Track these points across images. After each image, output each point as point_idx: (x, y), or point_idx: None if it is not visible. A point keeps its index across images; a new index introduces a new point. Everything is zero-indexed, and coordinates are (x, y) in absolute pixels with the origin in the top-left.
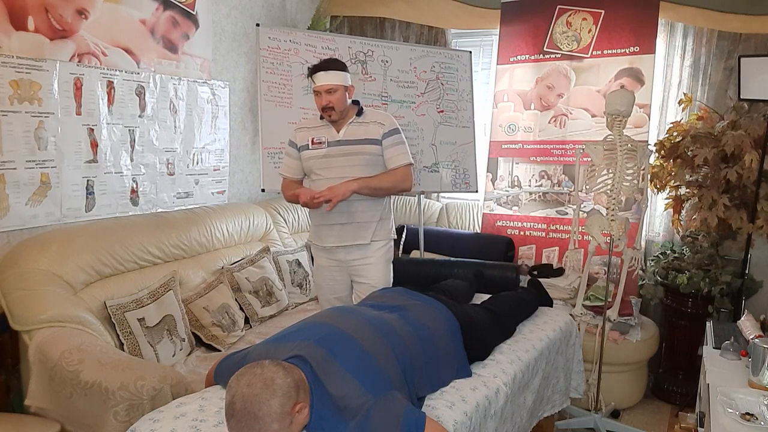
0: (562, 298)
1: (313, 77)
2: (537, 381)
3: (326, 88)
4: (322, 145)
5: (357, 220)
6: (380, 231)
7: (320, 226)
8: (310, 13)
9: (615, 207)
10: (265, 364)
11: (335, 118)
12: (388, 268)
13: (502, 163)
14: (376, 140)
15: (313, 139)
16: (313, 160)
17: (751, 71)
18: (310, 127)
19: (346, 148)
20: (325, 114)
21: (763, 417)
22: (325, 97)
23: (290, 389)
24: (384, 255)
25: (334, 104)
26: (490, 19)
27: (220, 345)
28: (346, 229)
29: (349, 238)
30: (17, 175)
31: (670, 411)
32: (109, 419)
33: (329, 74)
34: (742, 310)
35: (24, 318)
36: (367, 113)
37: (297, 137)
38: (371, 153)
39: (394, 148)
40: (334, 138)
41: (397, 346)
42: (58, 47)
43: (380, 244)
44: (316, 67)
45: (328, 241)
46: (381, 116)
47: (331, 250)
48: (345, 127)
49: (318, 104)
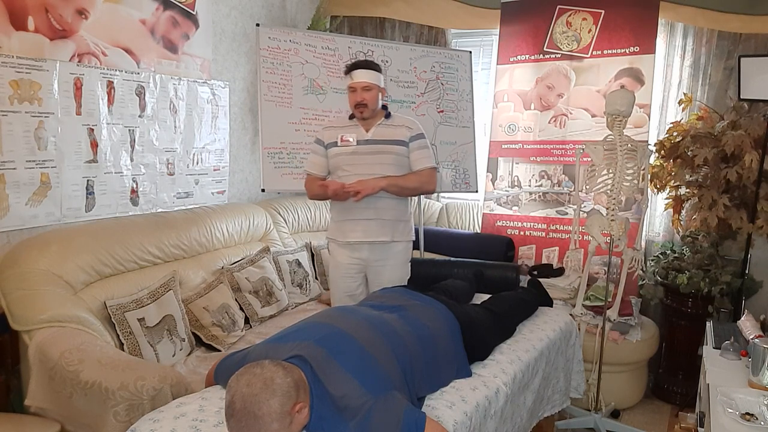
0: (562, 298)
1: (351, 74)
2: (537, 381)
3: (363, 85)
4: (350, 143)
5: (381, 217)
6: (402, 231)
7: (344, 222)
8: (310, 13)
9: (615, 207)
10: (264, 363)
11: (366, 116)
12: (405, 269)
13: (502, 163)
14: (404, 142)
15: (342, 136)
16: (341, 156)
17: (751, 71)
18: (338, 126)
19: (374, 147)
20: (357, 110)
21: (763, 417)
22: (360, 93)
23: (290, 389)
24: (403, 256)
25: (368, 101)
26: (490, 19)
27: (220, 345)
28: (371, 224)
29: (373, 233)
30: (17, 175)
31: (670, 411)
32: (109, 419)
33: (368, 73)
34: (742, 310)
35: (24, 318)
36: (395, 117)
37: (325, 135)
38: (398, 153)
39: (420, 152)
40: (363, 137)
41: (397, 346)
42: (58, 47)
43: (401, 245)
44: (355, 64)
45: (351, 236)
46: (408, 121)
47: (354, 246)
48: (374, 127)
49: (351, 101)
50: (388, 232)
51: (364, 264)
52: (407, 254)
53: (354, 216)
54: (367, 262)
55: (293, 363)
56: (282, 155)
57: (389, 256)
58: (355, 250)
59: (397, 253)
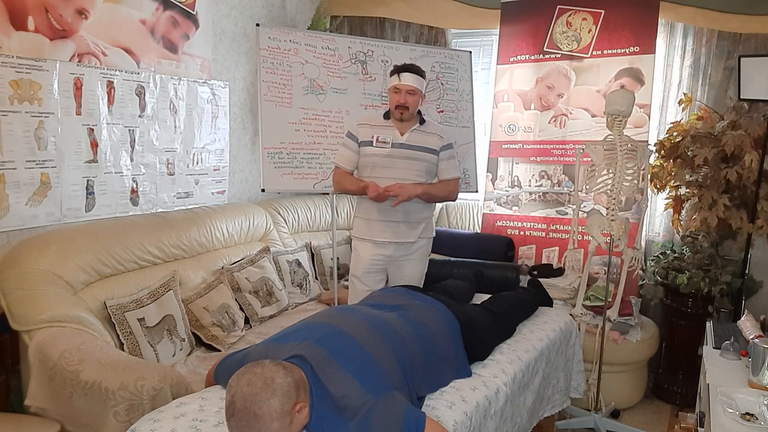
0: (562, 298)
1: (399, 75)
2: (537, 381)
3: (409, 89)
4: (386, 145)
5: (410, 219)
6: (426, 229)
7: (374, 222)
8: (310, 13)
9: (615, 207)
10: (265, 363)
11: (406, 118)
12: (424, 264)
13: (502, 163)
14: (435, 150)
15: (378, 137)
16: (376, 157)
17: (751, 71)
18: (372, 125)
19: (408, 152)
20: (397, 111)
21: (763, 417)
22: (404, 96)
23: (290, 389)
24: (425, 251)
25: (410, 105)
26: (490, 19)
27: (220, 345)
28: (400, 226)
29: (401, 234)
30: (17, 175)
31: (670, 411)
32: (109, 419)
33: (414, 77)
34: (742, 310)
35: (24, 318)
36: (429, 124)
37: (359, 132)
38: (429, 161)
39: (449, 162)
40: (398, 140)
41: (397, 345)
42: (58, 47)
43: (423, 241)
44: (405, 66)
45: (381, 236)
46: (440, 129)
47: (382, 244)
48: (408, 132)
49: (393, 101)
50: (415, 233)
51: (388, 260)
52: (428, 249)
53: (385, 217)
54: (391, 258)
55: (293, 363)
56: (282, 155)
57: (412, 252)
58: (380, 246)
59: (419, 248)
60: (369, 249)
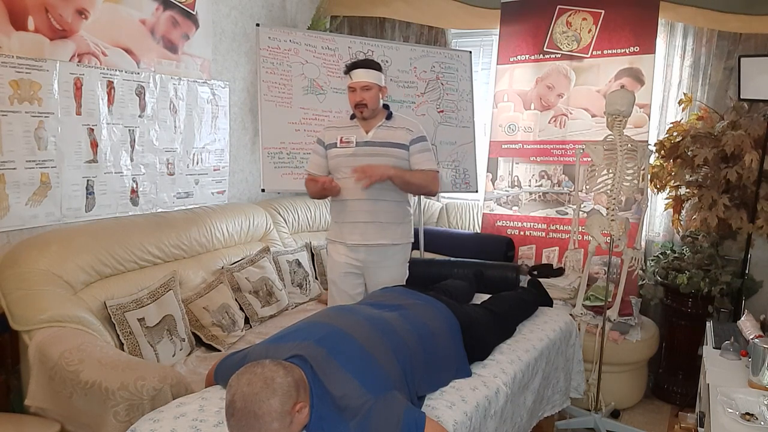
0: (562, 298)
1: (350, 74)
2: (537, 381)
3: (362, 85)
4: (350, 144)
5: (380, 220)
6: (401, 234)
7: (344, 224)
8: (310, 13)
9: (615, 207)
10: (265, 363)
11: (367, 116)
12: (403, 270)
13: (502, 163)
14: (404, 145)
15: (342, 138)
16: (340, 158)
17: (751, 71)
18: (339, 127)
19: (373, 149)
20: (357, 110)
21: (763, 417)
22: (360, 93)
23: (290, 388)
24: (402, 257)
25: (368, 101)
26: (490, 19)
27: (220, 345)
28: (369, 228)
29: (371, 237)
30: (17, 175)
31: (670, 411)
32: (109, 419)
33: (367, 72)
34: (742, 310)
35: (24, 318)
36: (396, 118)
37: (325, 135)
38: (397, 157)
39: (421, 155)
40: (363, 138)
41: (397, 345)
42: (58, 47)
43: (399, 247)
44: (354, 64)
45: (350, 238)
46: (409, 122)
47: (353, 247)
48: (374, 129)
49: (351, 100)
50: (387, 235)
51: (362, 265)
52: (405, 255)
53: (353, 219)
54: (365, 263)
55: (293, 363)
56: (282, 155)
57: (386, 258)
58: (352, 251)
59: (394, 255)
60: (342, 252)
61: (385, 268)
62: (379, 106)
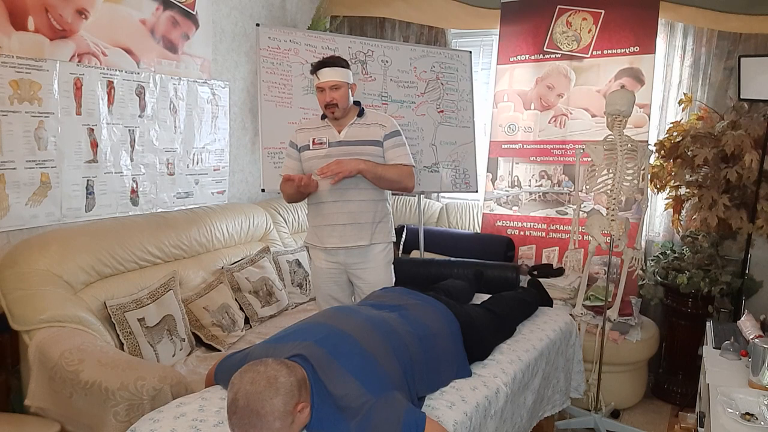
0: (562, 298)
1: (317, 73)
2: (537, 381)
3: (330, 84)
4: (323, 146)
5: (357, 221)
6: (380, 233)
7: (320, 227)
8: (310, 13)
9: (615, 207)
10: (268, 362)
11: (338, 116)
12: (388, 270)
13: (502, 163)
14: (378, 141)
15: (314, 139)
16: (314, 160)
17: (751, 71)
18: (311, 128)
19: (347, 149)
20: (328, 111)
21: (763, 417)
22: (329, 93)
23: (293, 388)
24: (384, 258)
25: (338, 101)
26: (490, 19)
27: (220, 345)
28: (346, 229)
29: (350, 239)
30: (17, 175)
31: (670, 411)
32: (109, 419)
33: (334, 71)
34: (742, 310)
35: (24, 318)
36: (368, 114)
37: (298, 138)
38: (372, 154)
39: (395, 150)
40: (336, 138)
41: (397, 345)
42: (58, 47)
43: (380, 247)
44: (320, 63)
45: (329, 242)
46: (382, 118)
47: (331, 251)
48: (346, 128)
49: (321, 101)
50: (365, 235)
51: (343, 268)
52: (388, 256)
53: (330, 221)
54: (346, 266)
55: (295, 362)
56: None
57: (368, 259)
58: (331, 254)
59: (375, 255)
60: (321, 257)
61: (368, 269)
62: (350, 104)
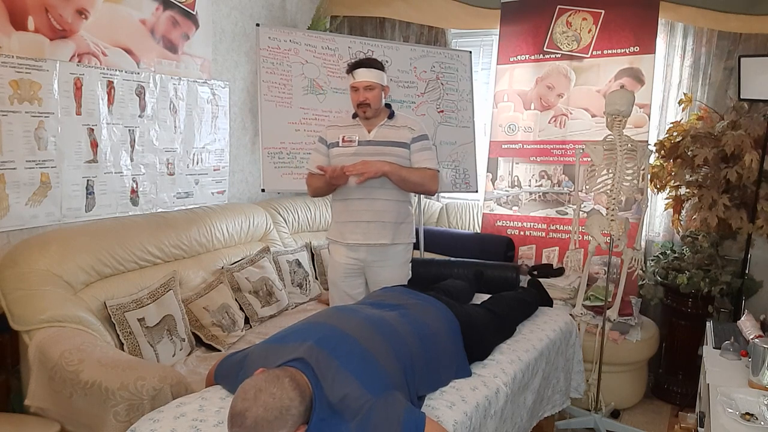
0: (562, 298)
1: (352, 73)
2: (537, 381)
3: (365, 85)
4: (352, 144)
5: (381, 219)
6: (402, 233)
7: (344, 223)
8: (310, 13)
9: (615, 207)
10: (285, 384)
11: (369, 115)
12: (405, 270)
13: (502, 163)
14: (405, 144)
15: (344, 137)
16: (343, 157)
17: (751, 71)
18: (341, 126)
19: (376, 148)
20: (360, 110)
21: (763, 417)
22: (362, 93)
23: (300, 416)
24: (403, 257)
25: (371, 101)
26: (490, 19)
27: (220, 345)
28: (370, 227)
29: (372, 236)
30: (17, 175)
31: (670, 411)
32: (109, 419)
33: (369, 72)
34: (742, 310)
35: (24, 318)
36: (399, 117)
37: (328, 134)
38: (399, 156)
39: (421, 153)
40: (365, 138)
41: (397, 345)
42: (58, 47)
43: (401, 247)
44: (356, 63)
45: (351, 238)
46: (411, 121)
47: (353, 247)
48: (376, 128)
49: (354, 100)
50: (388, 234)
51: (363, 264)
52: (407, 255)
53: (354, 218)
54: (365, 262)
55: (295, 366)
56: (282, 155)
57: (388, 257)
58: (353, 250)
59: (395, 254)
60: (342, 252)
61: (386, 267)
62: (382, 105)
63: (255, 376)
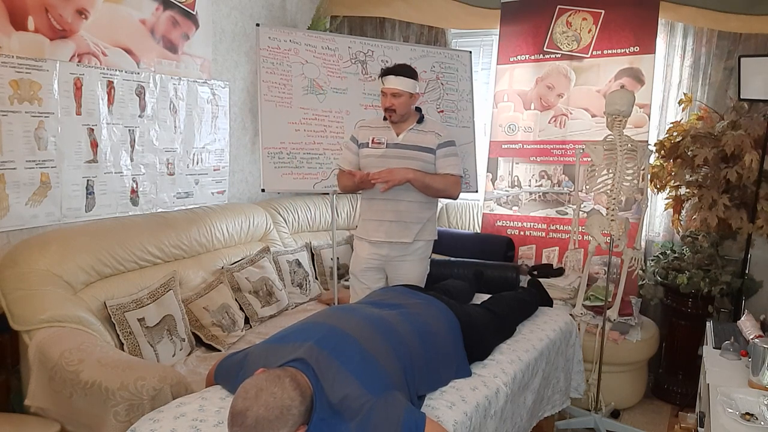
0: (562, 298)
1: (382, 79)
2: (537, 381)
3: (392, 92)
4: (381, 146)
5: (404, 219)
6: (424, 231)
7: (369, 221)
8: (310, 13)
9: (615, 207)
10: (285, 384)
11: (395, 120)
12: (424, 265)
13: (502, 163)
14: (431, 149)
15: (374, 138)
16: (370, 158)
17: (751, 71)
18: (372, 126)
19: (402, 152)
20: (386, 114)
21: (763, 417)
22: (389, 99)
23: (301, 416)
24: (423, 253)
25: (397, 107)
26: (490, 19)
27: (220, 345)
28: (393, 226)
29: (395, 235)
30: (17, 175)
31: (670, 411)
32: (109, 419)
33: (398, 79)
34: (742, 310)
35: (24, 318)
36: (427, 122)
37: (359, 134)
38: (425, 161)
39: (446, 159)
40: (393, 140)
41: (397, 344)
42: (58, 47)
43: (421, 243)
44: (387, 70)
45: (375, 235)
46: (439, 127)
47: (376, 244)
48: (405, 132)
49: (382, 104)
50: (410, 233)
51: (384, 260)
52: (427, 251)
53: (378, 217)
54: (387, 258)
55: (296, 367)
56: (282, 155)
57: (408, 253)
58: (376, 246)
59: (416, 250)
60: (365, 248)
61: (406, 262)
62: (409, 111)
63: (256, 376)
